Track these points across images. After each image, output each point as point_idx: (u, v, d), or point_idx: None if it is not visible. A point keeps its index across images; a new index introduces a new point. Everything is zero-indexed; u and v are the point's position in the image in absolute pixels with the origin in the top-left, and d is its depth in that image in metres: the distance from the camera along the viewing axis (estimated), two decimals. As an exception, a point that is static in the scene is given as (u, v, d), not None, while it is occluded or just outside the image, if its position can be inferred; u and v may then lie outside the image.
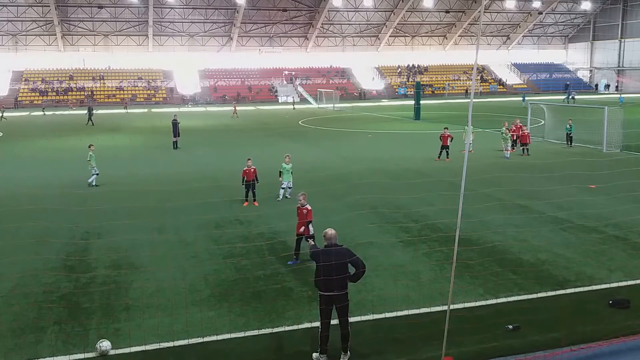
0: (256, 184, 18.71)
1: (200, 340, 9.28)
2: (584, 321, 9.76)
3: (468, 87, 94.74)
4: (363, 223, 15.91)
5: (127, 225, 15.80)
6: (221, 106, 76.74)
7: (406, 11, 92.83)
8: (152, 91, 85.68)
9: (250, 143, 35.34)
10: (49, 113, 66.76)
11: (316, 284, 8.71)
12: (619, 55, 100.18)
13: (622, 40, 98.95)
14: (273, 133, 41.25)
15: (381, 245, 14.01)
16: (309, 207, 12.99)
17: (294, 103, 74.67)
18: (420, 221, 16.05)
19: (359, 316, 9.88)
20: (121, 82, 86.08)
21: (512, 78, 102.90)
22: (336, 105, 68.21)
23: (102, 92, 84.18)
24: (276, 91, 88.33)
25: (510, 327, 9.44)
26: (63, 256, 13.56)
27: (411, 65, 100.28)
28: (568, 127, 31.37)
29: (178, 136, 33.65)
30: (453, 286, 8.54)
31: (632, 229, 14.94)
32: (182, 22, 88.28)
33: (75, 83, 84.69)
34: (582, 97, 77.50)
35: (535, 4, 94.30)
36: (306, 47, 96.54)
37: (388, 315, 10.09)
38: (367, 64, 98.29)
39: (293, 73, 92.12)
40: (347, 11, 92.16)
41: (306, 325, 9.74)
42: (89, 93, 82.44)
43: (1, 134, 43.67)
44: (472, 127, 34.80)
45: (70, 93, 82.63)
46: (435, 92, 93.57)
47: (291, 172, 19.31)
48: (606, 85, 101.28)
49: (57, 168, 27.04)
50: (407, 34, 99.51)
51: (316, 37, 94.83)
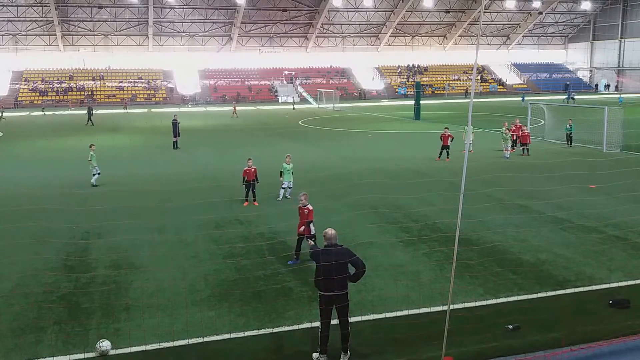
0: (256, 184, 18.75)
1: (200, 340, 9.28)
2: (584, 321, 9.77)
3: (468, 87, 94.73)
4: (363, 223, 15.91)
5: (127, 225, 15.81)
6: (221, 106, 76.72)
7: (406, 11, 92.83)
8: (152, 91, 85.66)
9: (250, 143, 35.33)
10: (49, 113, 66.75)
11: (316, 284, 8.71)
12: (619, 55, 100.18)
13: (622, 40, 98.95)
14: (273, 133, 41.25)
15: (381, 245, 14.01)
16: (311, 207, 13.03)
17: (294, 103, 74.65)
18: (420, 221, 16.05)
19: (359, 316, 9.88)
20: (121, 82, 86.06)
21: (512, 78, 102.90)
22: (336, 105, 68.20)
23: (102, 92, 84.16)
24: (276, 91, 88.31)
25: (510, 327, 9.45)
26: (63, 256, 13.56)
27: (411, 65, 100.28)
28: (568, 127, 31.39)
29: (178, 136, 33.67)
30: (453, 286, 8.55)
31: (632, 229, 14.94)
32: (182, 22, 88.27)
33: (75, 83, 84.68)
34: (582, 97, 77.51)
35: (535, 4, 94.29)
36: (306, 47, 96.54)
37: (388, 315, 10.10)
38: (367, 64, 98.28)
39: (293, 73, 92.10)
40: (347, 11, 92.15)
41: (306, 325, 9.75)
42: (89, 93, 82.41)
43: (1, 134, 43.66)
44: (472, 127, 34.79)
45: (70, 93, 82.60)
46: (435, 92, 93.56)
47: (292, 172, 19.36)
48: (606, 85, 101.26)
49: (57, 168, 27.03)
50: (407, 34, 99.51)
51: (316, 37, 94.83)
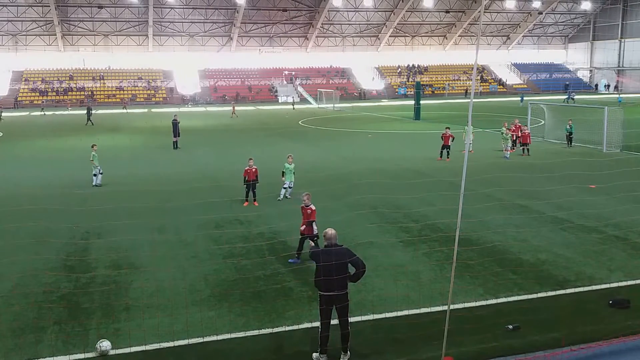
0: (257, 184, 18.76)
1: (200, 340, 9.27)
2: (584, 321, 9.77)
3: (468, 87, 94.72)
4: (363, 223, 15.91)
5: (127, 225, 15.81)
6: (221, 106, 76.72)
7: (406, 11, 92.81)
8: (152, 91, 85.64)
9: (250, 143, 35.33)
10: (49, 113, 66.73)
11: (316, 284, 8.70)
12: (619, 55, 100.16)
13: (622, 40, 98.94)
14: (273, 133, 41.25)
15: (381, 245, 14.01)
16: (313, 207, 13.07)
17: (294, 103, 74.63)
18: (420, 221, 16.05)
19: (359, 316, 9.88)
20: (121, 82, 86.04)
21: (512, 78, 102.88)
22: (336, 105, 68.18)
23: (102, 92, 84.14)
24: (276, 91, 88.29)
25: (510, 327, 9.45)
26: (63, 256, 13.56)
27: (411, 65, 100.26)
28: (568, 127, 31.39)
29: (178, 136, 33.66)
30: (453, 286, 8.55)
31: (632, 229, 14.95)
32: (182, 22, 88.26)
33: (75, 83, 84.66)
34: (582, 97, 77.49)
35: (535, 4, 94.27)
36: (306, 47, 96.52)
37: (388, 315, 10.09)
38: (367, 64, 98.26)
39: (293, 73, 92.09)
40: (347, 11, 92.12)
41: (306, 325, 9.75)
42: (89, 93, 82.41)
43: (1, 134, 43.66)
44: (472, 127, 34.79)
45: (70, 93, 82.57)
46: (435, 92, 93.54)
47: (293, 172, 19.38)
48: (606, 85, 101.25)
49: (57, 168, 27.02)
50: (407, 34, 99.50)
51: (316, 37, 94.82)
